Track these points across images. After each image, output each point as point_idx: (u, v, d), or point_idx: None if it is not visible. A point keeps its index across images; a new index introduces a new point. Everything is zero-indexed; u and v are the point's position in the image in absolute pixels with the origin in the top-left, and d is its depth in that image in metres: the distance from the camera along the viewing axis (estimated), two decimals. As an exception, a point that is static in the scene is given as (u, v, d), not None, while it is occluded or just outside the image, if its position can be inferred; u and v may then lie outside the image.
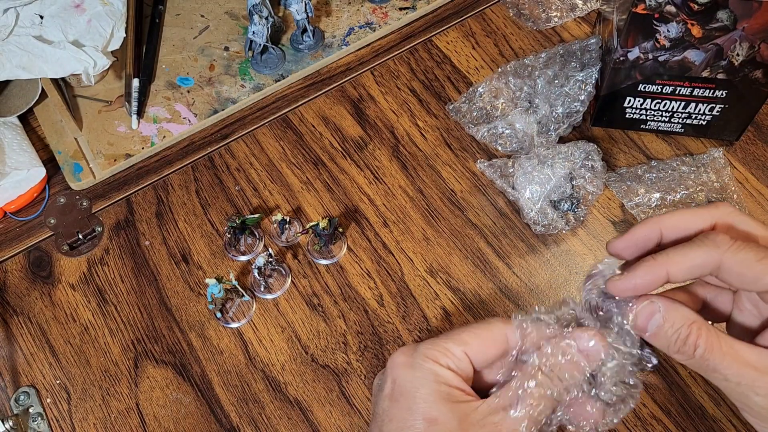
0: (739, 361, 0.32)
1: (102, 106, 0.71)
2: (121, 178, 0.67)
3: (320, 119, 0.69)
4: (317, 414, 0.55)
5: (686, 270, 0.34)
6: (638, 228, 0.36)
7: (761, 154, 0.65)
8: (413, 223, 0.63)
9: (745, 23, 0.53)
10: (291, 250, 0.62)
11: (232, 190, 0.65)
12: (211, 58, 0.73)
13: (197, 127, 0.69)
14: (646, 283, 0.34)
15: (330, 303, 0.59)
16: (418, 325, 0.58)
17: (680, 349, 0.34)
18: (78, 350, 0.58)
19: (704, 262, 0.33)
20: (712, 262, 0.33)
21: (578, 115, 0.65)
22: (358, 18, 0.75)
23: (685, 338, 0.33)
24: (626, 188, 0.63)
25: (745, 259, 0.33)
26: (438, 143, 0.67)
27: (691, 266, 0.33)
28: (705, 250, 0.33)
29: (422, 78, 0.71)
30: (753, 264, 0.32)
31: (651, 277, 0.34)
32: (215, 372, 0.57)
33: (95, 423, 0.55)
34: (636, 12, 0.55)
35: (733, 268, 0.33)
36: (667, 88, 0.61)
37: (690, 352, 0.33)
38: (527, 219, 0.61)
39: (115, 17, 0.69)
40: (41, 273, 0.62)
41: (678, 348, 0.34)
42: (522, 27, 0.74)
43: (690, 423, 0.53)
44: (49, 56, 0.66)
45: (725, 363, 0.32)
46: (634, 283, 0.34)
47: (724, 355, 0.33)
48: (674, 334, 0.34)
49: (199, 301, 0.60)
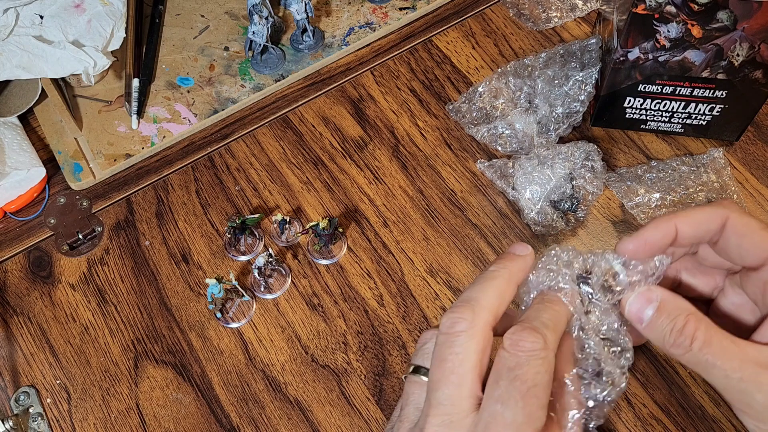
0: (741, 356, 0.31)
1: (102, 106, 0.71)
2: (121, 178, 0.67)
3: (320, 119, 0.69)
4: (317, 414, 0.55)
5: (695, 225, 0.33)
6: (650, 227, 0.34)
7: (761, 154, 0.65)
8: (413, 223, 0.63)
9: (745, 23, 0.53)
10: (291, 250, 0.62)
11: (232, 190, 0.66)
12: (211, 58, 0.73)
13: (197, 127, 0.69)
14: (656, 238, 0.33)
15: (330, 303, 0.59)
16: (418, 325, 0.58)
17: (676, 341, 0.32)
18: (78, 350, 0.58)
19: (711, 218, 0.33)
20: (719, 219, 0.33)
21: (578, 115, 0.65)
22: (358, 18, 0.75)
23: (682, 328, 0.32)
24: (626, 188, 0.63)
25: (750, 223, 0.32)
26: (438, 143, 0.67)
27: (699, 221, 0.33)
28: (713, 207, 0.33)
29: (422, 78, 0.71)
30: (756, 230, 0.32)
31: (661, 232, 0.33)
32: (215, 372, 0.57)
33: (95, 423, 0.55)
34: (636, 12, 0.55)
35: (737, 227, 0.32)
36: (667, 88, 0.61)
37: (687, 344, 0.32)
38: (527, 219, 0.61)
39: (115, 17, 0.69)
40: (41, 273, 0.62)
41: (674, 340, 0.32)
42: (522, 27, 0.74)
43: (690, 423, 0.53)
44: (49, 56, 0.66)
45: (726, 357, 0.31)
46: (644, 237, 0.33)
47: (724, 349, 0.31)
48: (670, 323, 0.32)
49: (199, 301, 0.60)
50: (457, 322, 0.33)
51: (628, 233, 0.40)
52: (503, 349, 0.32)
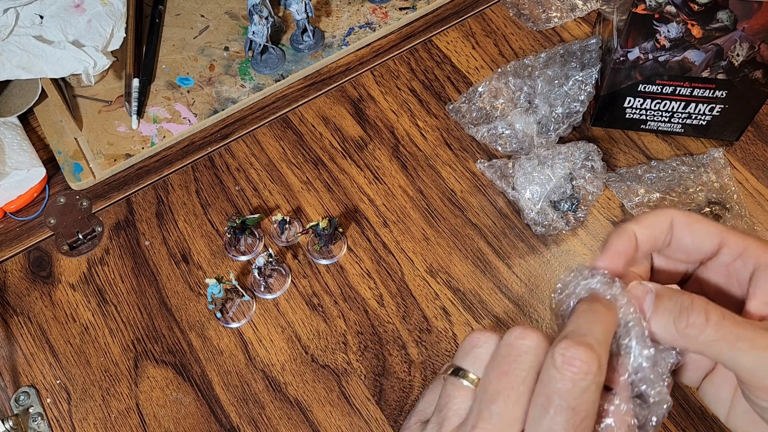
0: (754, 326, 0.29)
1: (102, 106, 0.71)
2: (121, 178, 0.67)
3: (320, 119, 0.69)
4: (317, 414, 0.55)
5: (648, 227, 0.33)
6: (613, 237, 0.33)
7: (761, 154, 0.65)
8: (413, 223, 0.63)
9: (745, 23, 0.53)
10: (291, 250, 0.62)
11: (232, 190, 0.66)
12: (211, 58, 0.73)
13: (197, 127, 0.69)
14: (622, 244, 0.32)
15: (330, 303, 0.59)
16: (418, 325, 0.58)
17: (689, 320, 0.29)
18: (78, 350, 0.58)
19: (660, 219, 0.33)
20: (667, 218, 0.33)
21: (578, 115, 0.65)
22: (358, 18, 0.75)
23: (690, 305, 0.30)
24: (626, 188, 0.63)
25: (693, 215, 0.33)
26: (438, 143, 0.67)
27: (651, 223, 0.33)
28: (658, 210, 0.33)
29: (422, 78, 0.71)
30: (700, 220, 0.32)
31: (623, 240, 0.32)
32: (215, 372, 0.57)
33: (95, 423, 0.55)
34: (636, 12, 0.55)
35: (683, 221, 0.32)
36: (667, 88, 0.61)
37: (702, 321, 0.29)
38: (527, 219, 0.61)
39: (115, 17, 0.69)
40: (41, 273, 0.62)
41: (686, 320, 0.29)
42: (522, 27, 0.74)
43: (690, 423, 0.53)
44: (49, 56, 0.66)
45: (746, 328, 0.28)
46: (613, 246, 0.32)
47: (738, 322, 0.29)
48: (676, 305, 0.30)
49: (199, 301, 0.60)
50: (525, 337, 0.30)
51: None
52: (554, 368, 0.28)
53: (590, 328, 0.29)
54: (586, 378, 0.27)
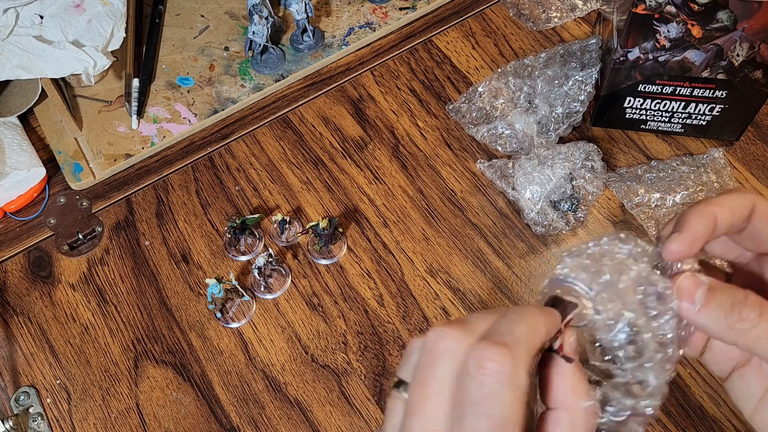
0: None
1: (102, 106, 0.71)
2: (121, 178, 0.67)
3: (320, 119, 0.69)
4: (317, 414, 0.55)
5: (731, 211, 0.30)
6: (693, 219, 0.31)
7: (761, 154, 0.65)
8: (413, 223, 0.63)
9: (745, 23, 0.53)
10: (291, 250, 0.62)
11: (232, 190, 0.66)
12: (211, 58, 0.73)
13: (197, 127, 0.69)
14: (702, 229, 0.30)
15: (330, 303, 0.59)
16: (418, 325, 0.58)
17: (742, 313, 0.28)
18: (78, 350, 0.58)
19: (743, 203, 0.31)
20: (749, 204, 0.31)
21: (578, 115, 0.65)
22: (358, 18, 0.75)
23: (744, 299, 0.29)
24: (626, 188, 0.63)
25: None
26: (438, 143, 0.67)
27: (734, 206, 0.30)
28: (741, 193, 0.31)
29: (422, 78, 0.71)
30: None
31: (704, 223, 0.30)
32: (215, 372, 0.57)
33: (95, 423, 0.55)
34: (636, 12, 0.55)
35: (763, 211, 0.31)
36: (667, 88, 0.61)
37: (755, 315, 0.28)
38: (527, 219, 0.61)
39: (115, 17, 0.69)
40: (41, 273, 0.62)
41: (739, 313, 0.28)
42: (522, 27, 0.74)
43: (690, 423, 0.53)
44: (49, 56, 0.66)
45: None
46: (693, 229, 0.30)
47: None
48: (728, 298, 0.29)
49: (199, 301, 0.60)
50: (441, 338, 0.27)
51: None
52: (466, 373, 0.26)
53: (510, 327, 0.27)
54: (500, 380, 0.25)
